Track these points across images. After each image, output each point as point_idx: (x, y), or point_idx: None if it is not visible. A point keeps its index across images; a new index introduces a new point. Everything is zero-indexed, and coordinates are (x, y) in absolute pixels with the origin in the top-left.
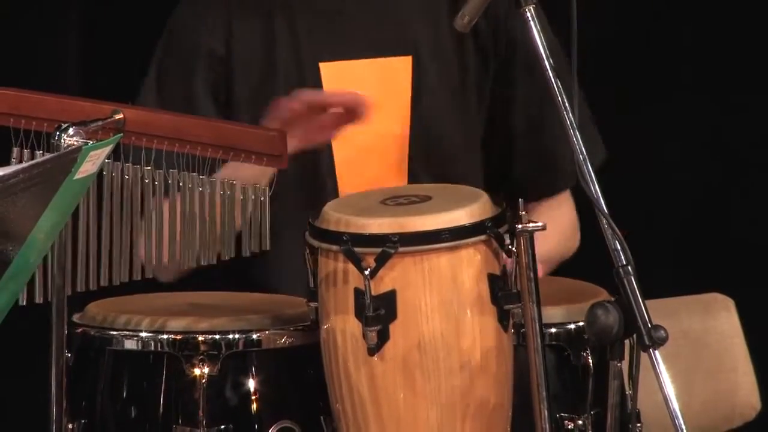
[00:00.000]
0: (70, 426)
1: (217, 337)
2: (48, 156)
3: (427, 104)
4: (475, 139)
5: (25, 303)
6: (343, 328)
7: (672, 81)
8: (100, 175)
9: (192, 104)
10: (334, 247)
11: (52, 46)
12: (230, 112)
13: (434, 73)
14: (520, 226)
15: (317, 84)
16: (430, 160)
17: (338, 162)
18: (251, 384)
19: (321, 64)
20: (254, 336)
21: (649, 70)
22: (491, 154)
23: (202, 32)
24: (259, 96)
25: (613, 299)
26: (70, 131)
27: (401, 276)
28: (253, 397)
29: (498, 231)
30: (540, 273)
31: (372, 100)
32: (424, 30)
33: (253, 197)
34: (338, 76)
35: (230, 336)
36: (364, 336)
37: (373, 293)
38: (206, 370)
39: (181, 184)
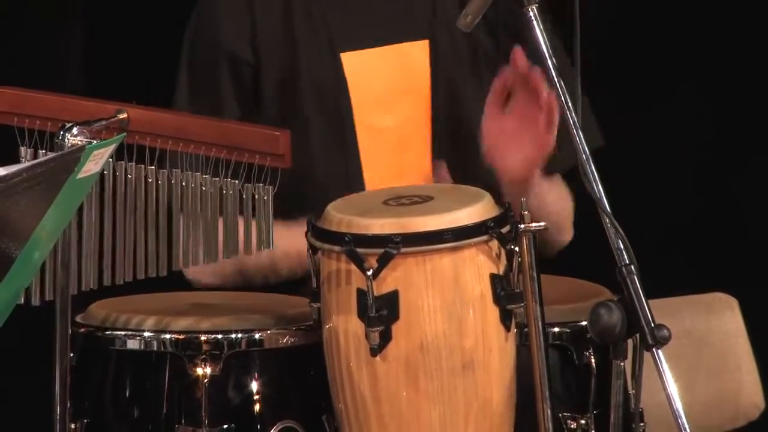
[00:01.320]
0: (73, 425)
1: (220, 336)
2: (51, 155)
3: (446, 86)
4: None
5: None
6: (346, 328)
7: (676, 79)
8: (103, 174)
9: (221, 113)
10: (337, 248)
11: (56, 45)
12: (259, 111)
13: (450, 54)
14: (522, 226)
15: (340, 74)
16: (452, 142)
17: (363, 149)
18: (253, 384)
19: (342, 55)
20: (257, 336)
21: (651, 69)
22: None
23: (226, 38)
24: (284, 92)
25: (616, 299)
26: (74, 130)
27: (403, 276)
28: (256, 397)
29: (500, 231)
30: None
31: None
32: (436, 12)
33: (256, 196)
34: (360, 66)
35: (233, 336)
36: (367, 336)
37: (375, 294)
38: (208, 369)
39: (184, 183)
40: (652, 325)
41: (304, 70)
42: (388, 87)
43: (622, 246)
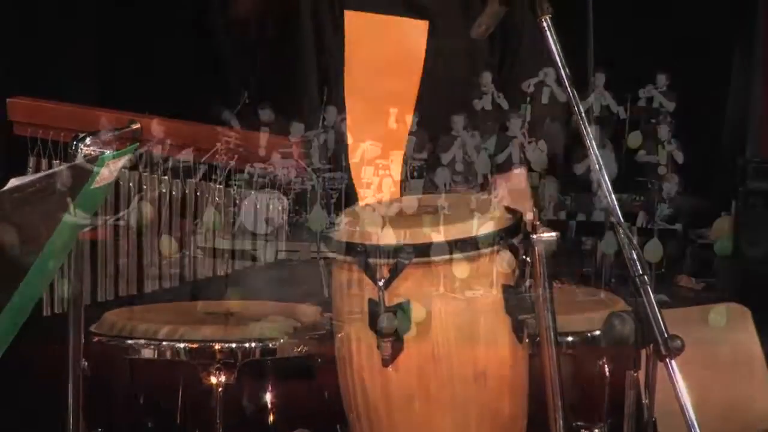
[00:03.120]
0: None
1: (234, 346)
2: (65, 165)
3: (437, 68)
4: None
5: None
6: (358, 338)
7: (678, 80)
8: (117, 183)
9: None
10: (349, 258)
11: (71, 56)
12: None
13: (449, 40)
14: (534, 236)
15: (340, 29)
16: (430, 120)
17: (350, 112)
18: (267, 392)
19: (346, 12)
20: (270, 345)
21: (653, 69)
22: None
23: None
24: (285, 42)
25: (629, 309)
26: (88, 141)
27: (415, 286)
28: (270, 406)
29: (512, 241)
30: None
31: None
32: None
33: (271, 207)
34: (360, 27)
35: (246, 345)
36: (379, 346)
37: (387, 304)
38: (223, 378)
39: (198, 193)
40: (666, 335)
41: (306, 19)
42: (381, 55)
43: (635, 256)
